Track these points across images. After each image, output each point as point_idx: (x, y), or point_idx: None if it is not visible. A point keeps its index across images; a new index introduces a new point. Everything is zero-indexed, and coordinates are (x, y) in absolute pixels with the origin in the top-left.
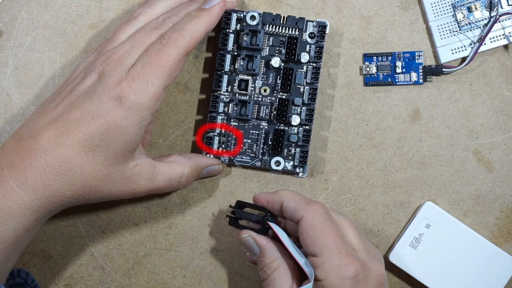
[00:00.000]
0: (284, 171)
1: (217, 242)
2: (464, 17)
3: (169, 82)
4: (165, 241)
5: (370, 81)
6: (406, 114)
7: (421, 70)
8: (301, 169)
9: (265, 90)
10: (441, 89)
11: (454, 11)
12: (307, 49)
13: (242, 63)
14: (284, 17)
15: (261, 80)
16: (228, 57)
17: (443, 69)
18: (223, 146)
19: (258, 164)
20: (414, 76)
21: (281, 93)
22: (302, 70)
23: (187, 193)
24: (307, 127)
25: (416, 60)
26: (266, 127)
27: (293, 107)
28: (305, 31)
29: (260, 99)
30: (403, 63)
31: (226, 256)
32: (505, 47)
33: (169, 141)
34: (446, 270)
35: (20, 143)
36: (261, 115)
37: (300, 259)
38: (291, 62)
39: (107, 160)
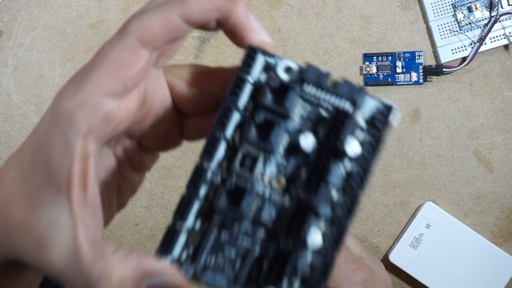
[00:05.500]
0: None
1: None
2: (464, 17)
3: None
4: None
5: (370, 81)
6: (406, 114)
7: (421, 70)
8: None
9: (278, 181)
10: (441, 89)
11: (454, 11)
12: (358, 136)
13: (254, 130)
14: (335, 81)
15: (277, 165)
16: (236, 116)
17: (443, 69)
18: (189, 252)
19: None
20: (414, 76)
21: (301, 192)
22: (342, 166)
23: None
24: (327, 257)
25: (416, 60)
26: (264, 239)
27: (314, 218)
28: (360, 109)
29: (266, 192)
30: (403, 63)
31: None
32: (505, 47)
33: None
34: (446, 270)
35: None
36: (263, 218)
37: None
38: (328, 149)
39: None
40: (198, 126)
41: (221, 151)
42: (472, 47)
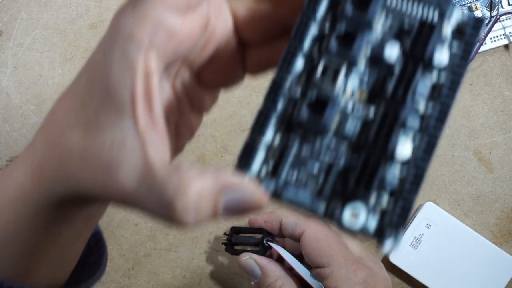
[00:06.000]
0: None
1: (217, 242)
2: None
3: None
4: (165, 241)
5: None
6: None
7: None
8: (392, 235)
9: (361, 94)
10: None
11: None
12: (445, 47)
13: (335, 40)
14: None
15: (359, 77)
16: (314, 27)
17: None
18: (268, 167)
19: (321, 209)
20: None
21: (387, 105)
22: (429, 76)
23: None
24: (419, 168)
25: None
26: (348, 153)
27: (402, 129)
28: (449, 20)
29: (349, 105)
30: None
31: (226, 256)
32: (506, 47)
33: None
34: (446, 270)
35: None
36: (346, 131)
37: (306, 274)
38: (413, 60)
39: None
40: (262, 57)
41: (299, 64)
42: None
